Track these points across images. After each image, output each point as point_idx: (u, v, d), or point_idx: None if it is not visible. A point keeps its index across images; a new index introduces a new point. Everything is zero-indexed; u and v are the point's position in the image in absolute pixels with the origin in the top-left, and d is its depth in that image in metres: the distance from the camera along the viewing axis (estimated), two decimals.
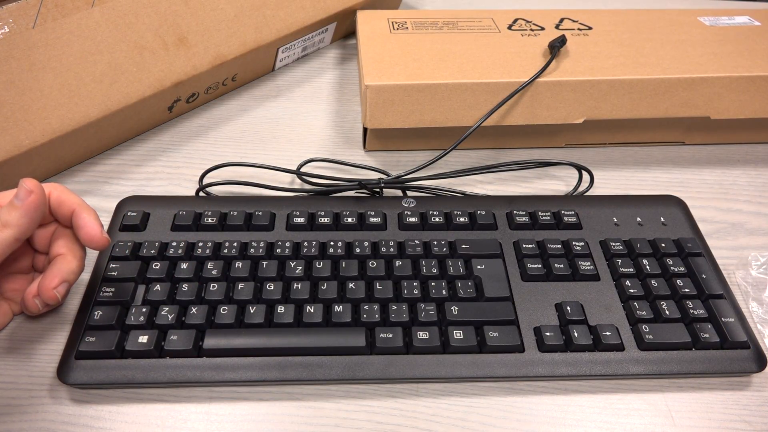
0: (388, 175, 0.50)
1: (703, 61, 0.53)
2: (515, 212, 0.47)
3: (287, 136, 0.58)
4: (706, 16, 0.61)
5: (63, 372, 0.37)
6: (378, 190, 0.50)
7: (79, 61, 0.48)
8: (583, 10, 0.62)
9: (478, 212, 0.47)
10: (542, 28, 0.59)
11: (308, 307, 0.40)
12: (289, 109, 0.61)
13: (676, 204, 0.49)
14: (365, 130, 0.55)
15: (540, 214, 0.47)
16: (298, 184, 0.53)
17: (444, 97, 0.51)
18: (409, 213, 0.47)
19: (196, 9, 0.54)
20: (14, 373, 0.39)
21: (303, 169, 0.51)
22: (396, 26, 0.59)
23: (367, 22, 0.60)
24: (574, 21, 0.60)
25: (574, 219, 0.47)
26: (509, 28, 0.59)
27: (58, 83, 0.47)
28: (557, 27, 0.59)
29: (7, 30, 0.46)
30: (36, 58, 0.46)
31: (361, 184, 0.49)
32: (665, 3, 0.78)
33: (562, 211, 0.47)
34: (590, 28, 0.59)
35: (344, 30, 0.68)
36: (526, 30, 0.58)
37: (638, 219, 0.48)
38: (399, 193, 0.51)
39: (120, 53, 0.50)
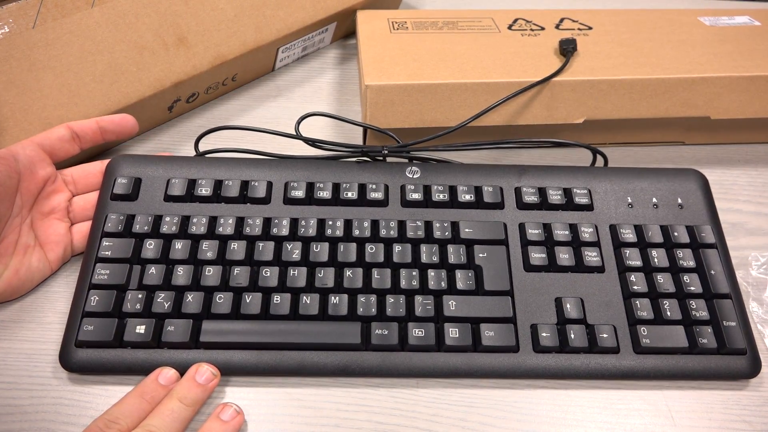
0: (398, 142, 0.48)
1: (703, 61, 0.53)
2: (524, 189, 0.45)
3: None
4: (706, 16, 0.61)
5: (64, 358, 0.39)
6: (381, 158, 0.48)
7: (79, 61, 0.48)
8: (583, 10, 0.62)
9: (485, 188, 0.45)
10: (542, 28, 0.59)
11: (305, 297, 0.40)
12: (289, 109, 0.61)
13: (696, 180, 0.47)
14: (365, 130, 0.55)
15: (550, 192, 0.45)
16: (297, 150, 0.51)
17: (444, 97, 0.51)
18: (413, 187, 0.45)
19: (196, 9, 0.54)
20: (14, 373, 0.39)
21: (306, 135, 0.49)
22: (396, 26, 0.59)
23: (367, 22, 0.60)
24: (574, 21, 0.60)
25: (585, 199, 0.45)
26: (509, 28, 0.59)
27: (58, 83, 0.47)
28: (557, 27, 0.59)
29: (7, 30, 0.46)
30: (36, 58, 0.46)
31: (363, 151, 0.47)
32: (665, 3, 0.77)
33: (574, 190, 0.46)
34: (590, 28, 0.59)
35: (344, 30, 0.68)
36: (526, 30, 0.58)
37: (654, 200, 0.46)
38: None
39: (120, 53, 0.50)
